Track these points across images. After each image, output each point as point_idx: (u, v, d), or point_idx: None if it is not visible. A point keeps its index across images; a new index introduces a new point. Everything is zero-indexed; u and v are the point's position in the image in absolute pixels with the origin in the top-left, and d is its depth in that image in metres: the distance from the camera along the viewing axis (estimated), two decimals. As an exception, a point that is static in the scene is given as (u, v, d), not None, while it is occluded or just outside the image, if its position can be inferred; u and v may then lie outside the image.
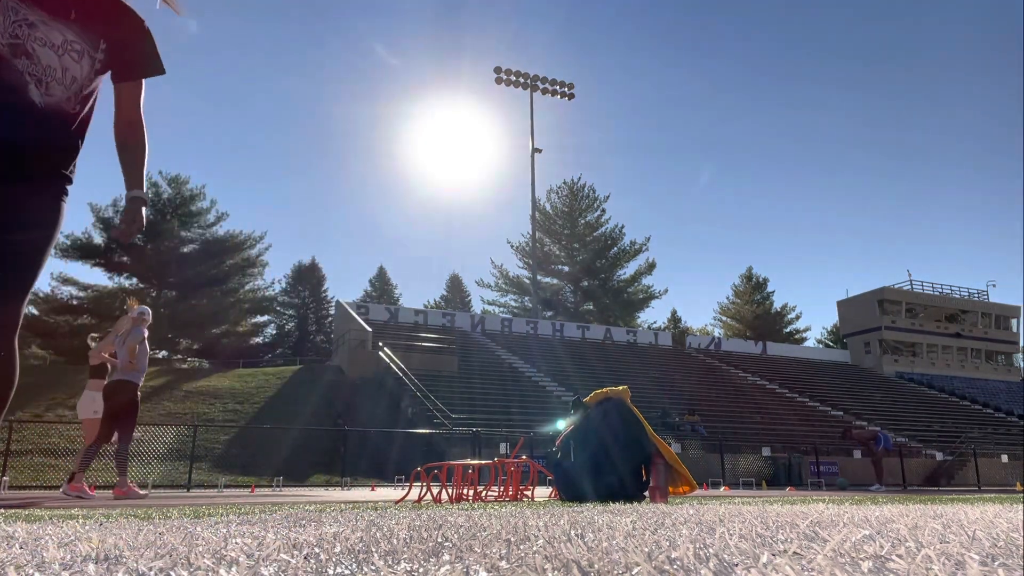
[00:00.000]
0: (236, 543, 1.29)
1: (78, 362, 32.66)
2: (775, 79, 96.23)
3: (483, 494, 5.64)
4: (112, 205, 42.17)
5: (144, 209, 2.56)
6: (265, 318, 51.64)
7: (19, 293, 2.34)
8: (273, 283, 50.19)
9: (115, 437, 7.42)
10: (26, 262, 2.35)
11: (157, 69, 2.63)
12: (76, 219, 43.35)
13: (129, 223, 2.51)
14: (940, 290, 48.80)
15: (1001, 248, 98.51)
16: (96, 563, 0.99)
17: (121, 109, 2.58)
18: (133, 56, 2.54)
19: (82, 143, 2.56)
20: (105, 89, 2.65)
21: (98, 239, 41.60)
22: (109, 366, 7.83)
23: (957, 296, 49.11)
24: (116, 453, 7.52)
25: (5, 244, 2.34)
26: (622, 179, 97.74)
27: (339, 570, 0.93)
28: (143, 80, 2.61)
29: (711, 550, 1.07)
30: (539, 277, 49.31)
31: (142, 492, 7.69)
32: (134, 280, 43.46)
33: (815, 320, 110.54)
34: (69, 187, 2.54)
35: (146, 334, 7.68)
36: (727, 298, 61.78)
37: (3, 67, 2.24)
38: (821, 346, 57.50)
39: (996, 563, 0.92)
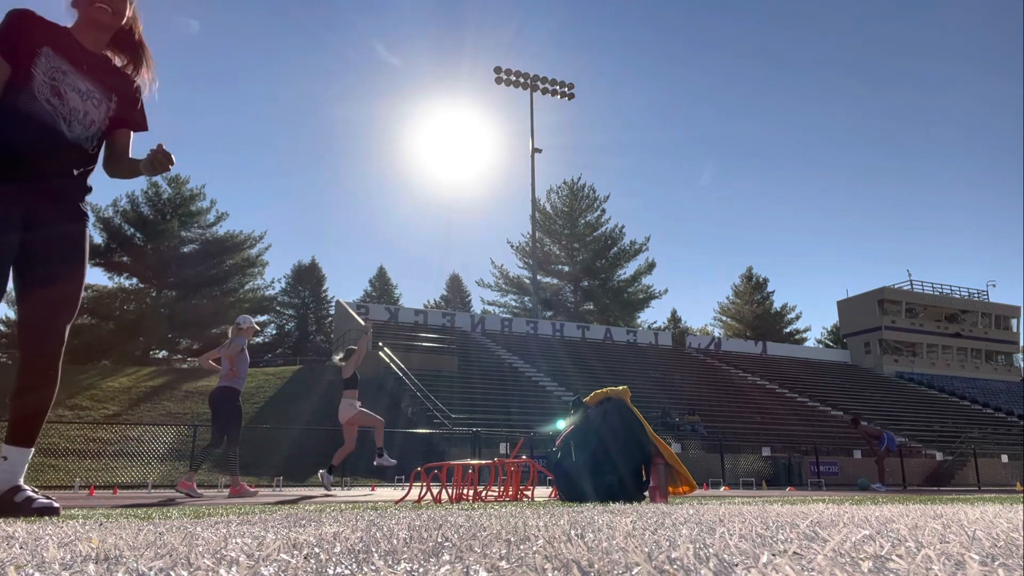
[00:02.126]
0: (236, 543, 1.29)
1: (78, 362, 32.66)
2: (775, 79, 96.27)
3: (483, 494, 5.64)
4: (112, 205, 42.27)
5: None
6: (265, 318, 51.64)
7: (63, 318, 2.84)
8: (273, 283, 50.22)
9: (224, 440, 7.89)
10: (71, 291, 2.87)
11: (143, 126, 3.17)
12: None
13: (157, 157, 2.90)
14: (940, 290, 48.80)
15: (1001, 248, 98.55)
16: (96, 563, 0.99)
17: (117, 149, 3.08)
18: (137, 111, 3.09)
19: (91, 188, 3.05)
20: None
21: (98, 239, 41.62)
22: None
23: (957, 296, 49.11)
24: (225, 455, 8.01)
25: (54, 275, 2.84)
26: (622, 179, 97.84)
27: (339, 570, 0.93)
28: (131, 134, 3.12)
29: (711, 550, 1.07)
30: (539, 277, 49.30)
31: (252, 490, 7.91)
32: (134, 280, 43.47)
33: (815, 320, 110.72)
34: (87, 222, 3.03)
35: (244, 343, 7.99)
36: (727, 298, 61.83)
37: (36, 106, 2.75)
38: (821, 346, 57.48)
39: (996, 563, 0.92)
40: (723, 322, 61.04)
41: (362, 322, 30.78)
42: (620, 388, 5.36)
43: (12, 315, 40.56)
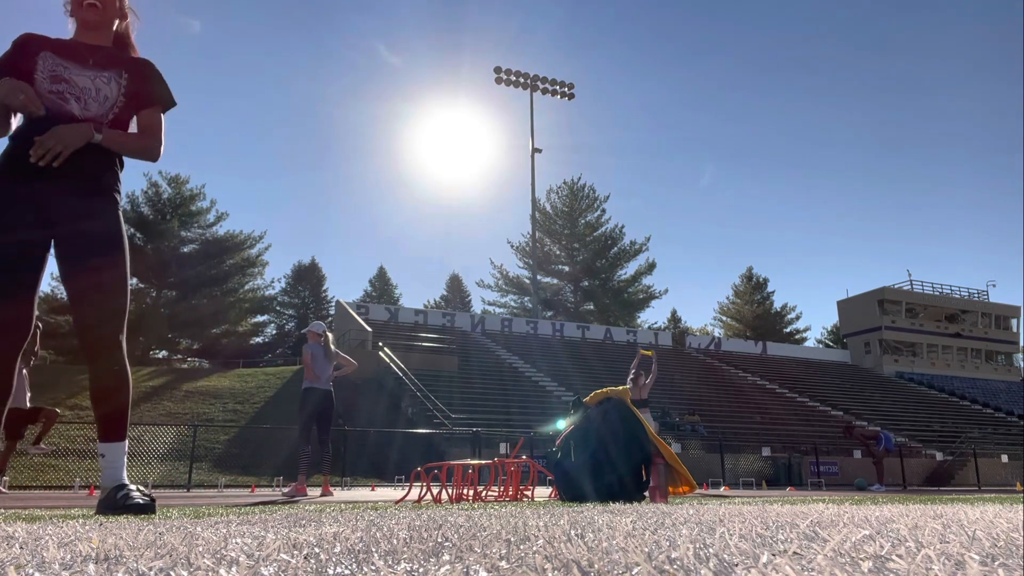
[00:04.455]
0: (236, 543, 1.29)
1: (78, 362, 32.63)
2: (776, 79, 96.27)
3: (483, 494, 5.64)
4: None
5: (77, 135, 2.78)
6: (265, 318, 51.70)
7: (108, 304, 2.83)
8: (273, 283, 50.21)
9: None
10: (109, 283, 2.84)
11: (170, 102, 3.12)
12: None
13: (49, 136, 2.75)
14: (940, 290, 48.80)
15: (1001, 248, 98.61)
16: (96, 563, 0.99)
17: (141, 128, 3.05)
18: (150, 89, 3.04)
19: (121, 164, 3.01)
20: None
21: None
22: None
23: (957, 296, 49.11)
24: (321, 454, 8.13)
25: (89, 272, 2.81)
26: (622, 179, 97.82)
27: (339, 570, 0.93)
28: (160, 113, 3.08)
29: (711, 550, 1.07)
30: (539, 277, 49.31)
31: (301, 489, 7.98)
32: (134, 280, 43.43)
33: (815, 320, 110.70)
34: (119, 200, 2.98)
35: (313, 348, 8.17)
36: (727, 298, 61.82)
37: (44, 97, 2.78)
38: (821, 346, 57.48)
39: (996, 563, 0.92)
40: (723, 322, 61.05)
41: (363, 323, 30.77)
42: (620, 388, 5.36)
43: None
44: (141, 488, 2.91)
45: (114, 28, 3.06)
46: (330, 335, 8.39)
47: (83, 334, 2.83)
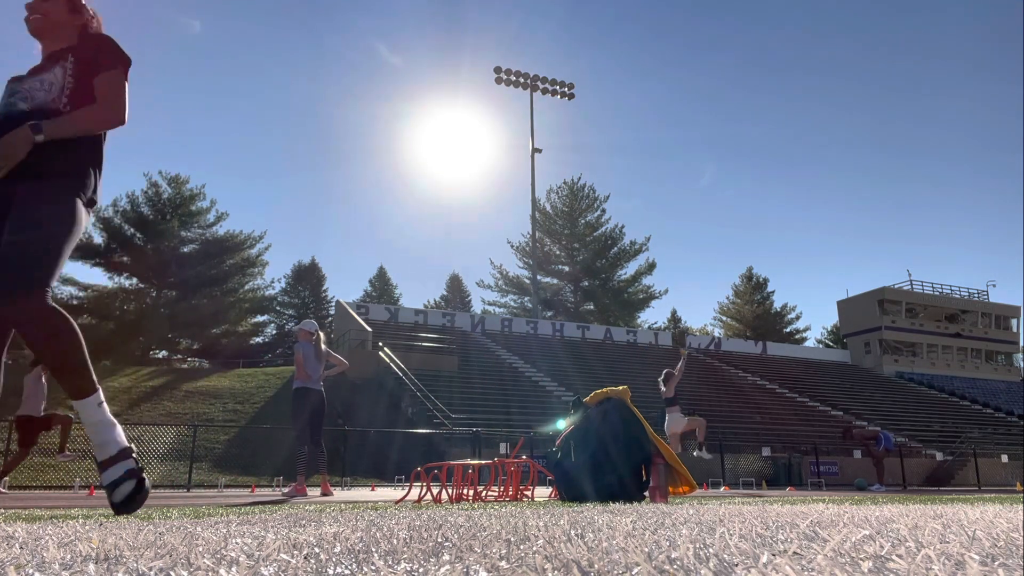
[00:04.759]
0: (236, 543, 1.29)
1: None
2: (776, 79, 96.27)
3: (483, 494, 5.64)
4: (112, 205, 42.20)
5: (17, 144, 2.70)
6: (265, 318, 51.65)
7: (24, 286, 2.60)
8: (273, 283, 50.18)
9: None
10: (33, 257, 2.63)
11: (117, 61, 2.98)
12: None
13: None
14: (940, 290, 48.80)
15: (1001, 248, 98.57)
16: (96, 563, 0.99)
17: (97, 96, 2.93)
18: (98, 58, 2.94)
19: (93, 146, 2.91)
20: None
21: (98, 239, 41.61)
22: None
23: (957, 296, 49.10)
24: (316, 454, 8.02)
25: (11, 244, 2.64)
26: (622, 179, 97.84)
27: (339, 570, 0.93)
28: (117, 71, 2.96)
29: (711, 550, 1.07)
30: (539, 277, 49.30)
31: (300, 490, 7.91)
32: (134, 280, 43.45)
33: (815, 320, 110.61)
34: (74, 186, 2.83)
35: (304, 346, 8.08)
36: (727, 298, 61.80)
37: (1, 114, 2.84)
38: (821, 346, 57.47)
39: (996, 563, 0.92)
40: (723, 322, 61.03)
41: (363, 323, 30.79)
42: (620, 388, 5.35)
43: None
44: (134, 456, 2.82)
45: (71, 28, 3.03)
46: (321, 334, 8.34)
47: None
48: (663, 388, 11.44)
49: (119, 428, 2.87)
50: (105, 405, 2.83)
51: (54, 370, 2.76)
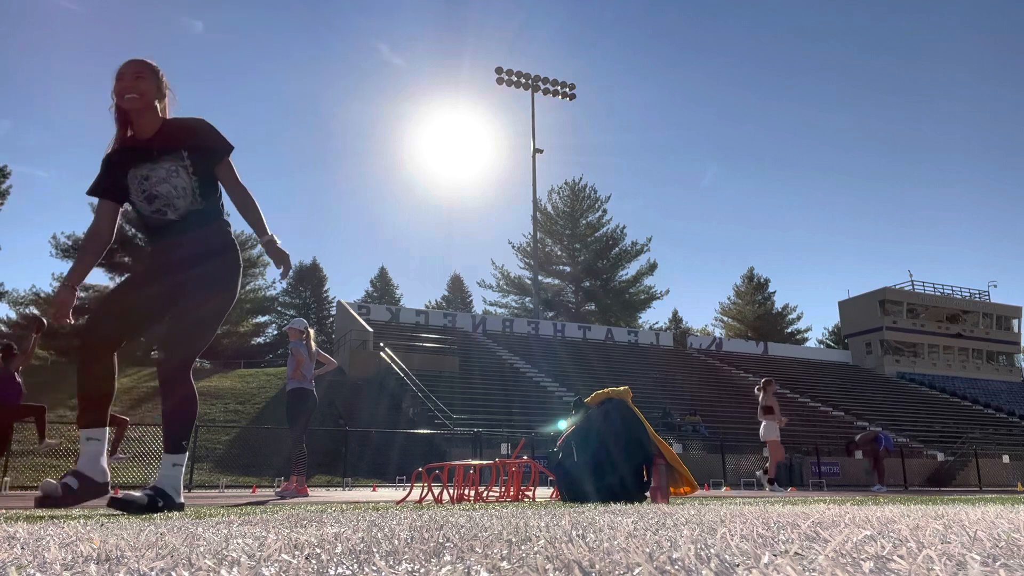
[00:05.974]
0: (237, 543, 1.29)
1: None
2: (777, 79, 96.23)
3: (484, 495, 5.64)
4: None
5: (279, 243, 3.44)
6: (266, 318, 51.67)
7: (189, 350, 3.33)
8: (274, 283, 50.20)
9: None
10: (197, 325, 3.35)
11: (226, 148, 3.41)
12: (77, 219, 43.42)
13: (279, 261, 3.43)
14: (941, 290, 48.76)
15: (1002, 248, 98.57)
16: (97, 564, 0.99)
17: (224, 184, 3.42)
18: (209, 146, 3.35)
19: (221, 204, 3.48)
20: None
21: (99, 239, 41.60)
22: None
23: (958, 296, 49.07)
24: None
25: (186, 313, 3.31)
26: (623, 179, 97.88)
27: (340, 570, 0.93)
28: (228, 159, 3.42)
29: (712, 551, 1.07)
30: (540, 277, 49.31)
31: (296, 488, 7.87)
32: (135, 280, 43.43)
33: (816, 320, 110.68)
34: (232, 247, 3.45)
35: (296, 345, 8.06)
36: (728, 298, 61.75)
37: (149, 219, 3.37)
38: (822, 346, 57.45)
39: (998, 563, 0.92)
40: (724, 322, 61.00)
41: (364, 323, 30.79)
42: (621, 388, 5.35)
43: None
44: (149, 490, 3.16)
45: (157, 106, 3.31)
46: (311, 332, 8.29)
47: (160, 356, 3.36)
48: (760, 396, 11.94)
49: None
50: None
51: (166, 418, 3.39)
